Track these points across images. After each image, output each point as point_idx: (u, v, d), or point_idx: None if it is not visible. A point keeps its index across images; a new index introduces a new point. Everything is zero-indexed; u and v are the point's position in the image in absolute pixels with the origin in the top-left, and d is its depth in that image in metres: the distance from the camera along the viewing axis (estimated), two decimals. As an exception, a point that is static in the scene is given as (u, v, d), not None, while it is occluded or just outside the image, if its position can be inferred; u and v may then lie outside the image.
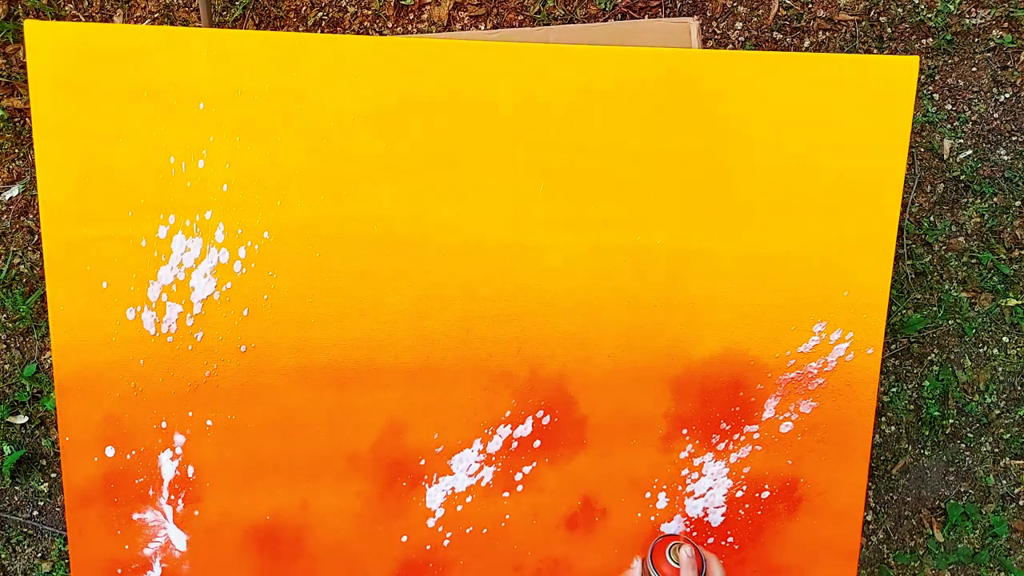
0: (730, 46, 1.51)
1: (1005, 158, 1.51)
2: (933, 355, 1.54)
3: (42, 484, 1.52)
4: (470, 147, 0.85)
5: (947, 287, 1.53)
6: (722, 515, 0.94)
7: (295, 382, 0.89)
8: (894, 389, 1.54)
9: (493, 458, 0.92)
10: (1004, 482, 1.56)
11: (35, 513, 1.53)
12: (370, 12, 1.50)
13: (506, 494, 0.93)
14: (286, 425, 0.90)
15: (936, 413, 1.53)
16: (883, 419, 1.55)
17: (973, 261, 1.53)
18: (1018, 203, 1.52)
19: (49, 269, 0.86)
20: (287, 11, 1.50)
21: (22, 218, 1.50)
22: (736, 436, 0.92)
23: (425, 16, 1.51)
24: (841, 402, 0.92)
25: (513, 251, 0.87)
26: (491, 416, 0.91)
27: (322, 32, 1.50)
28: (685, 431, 0.92)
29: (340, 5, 1.50)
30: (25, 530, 1.52)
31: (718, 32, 1.51)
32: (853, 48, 1.50)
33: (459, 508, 0.93)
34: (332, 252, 0.87)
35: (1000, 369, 1.54)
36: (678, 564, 0.79)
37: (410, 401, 0.90)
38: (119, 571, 0.93)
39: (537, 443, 0.92)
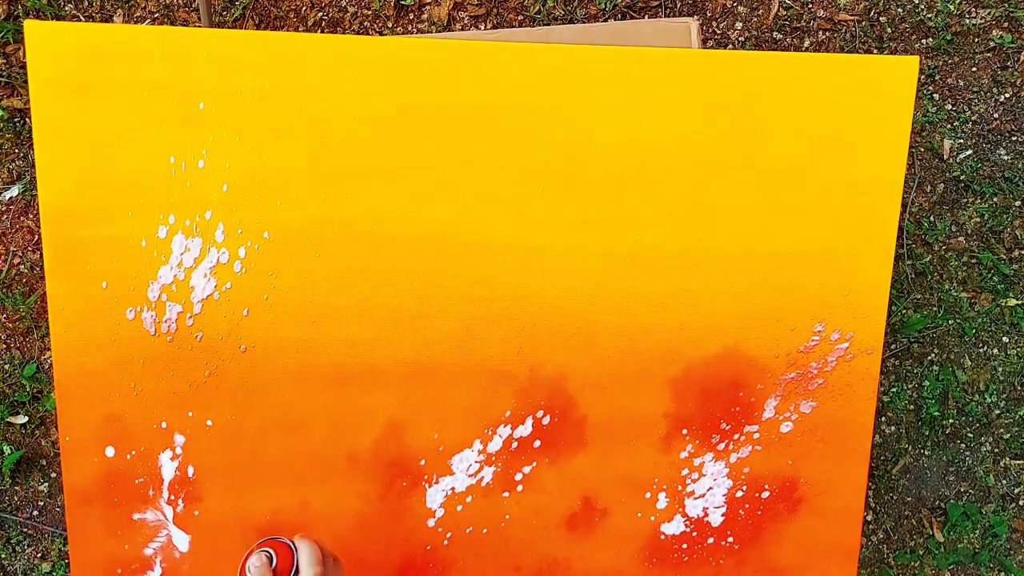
0: (730, 46, 1.51)
1: (1005, 158, 1.51)
2: (933, 355, 1.54)
3: (42, 484, 1.52)
4: (470, 147, 0.85)
5: (947, 287, 1.53)
6: (722, 515, 0.94)
7: (295, 382, 0.89)
8: (894, 389, 1.54)
9: (493, 458, 0.92)
10: (1004, 482, 1.56)
11: (35, 513, 1.53)
12: (370, 12, 1.50)
13: (506, 494, 0.93)
14: (286, 425, 0.90)
15: (936, 413, 1.53)
16: (883, 419, 1.55)
17: (973, 261, 1.53)
18: (1018, 203, 1.52)
19: (49, 269, 0.86)
20: (287, 11, 1.50)
21: (22, 218, 1.50)
22: (736, 436, 0.92)
23: (425, 16, 1.51)
24: (841, 402, 0.92)
25: (513, 251, 0.87)
26: (491, 416, 0.91)
27: (322, 32, 1.50)
28: (685, 431, 0.92)
29: (340, 5, 1.50)
30: (25, 530, 1.52)
31: (718, 32, 1.51)
32: (853, 48, 1.50)
33: (459, 508, 0.93)
34: (332, 252, 0.87)
35: (1000, 369, 1.54)
36: None
37: (410, 401, 0.90)
38: (119, 571, 0.93)
39: (537, 443, 0.92)
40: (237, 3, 1.48)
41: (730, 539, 0.95)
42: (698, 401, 0.91)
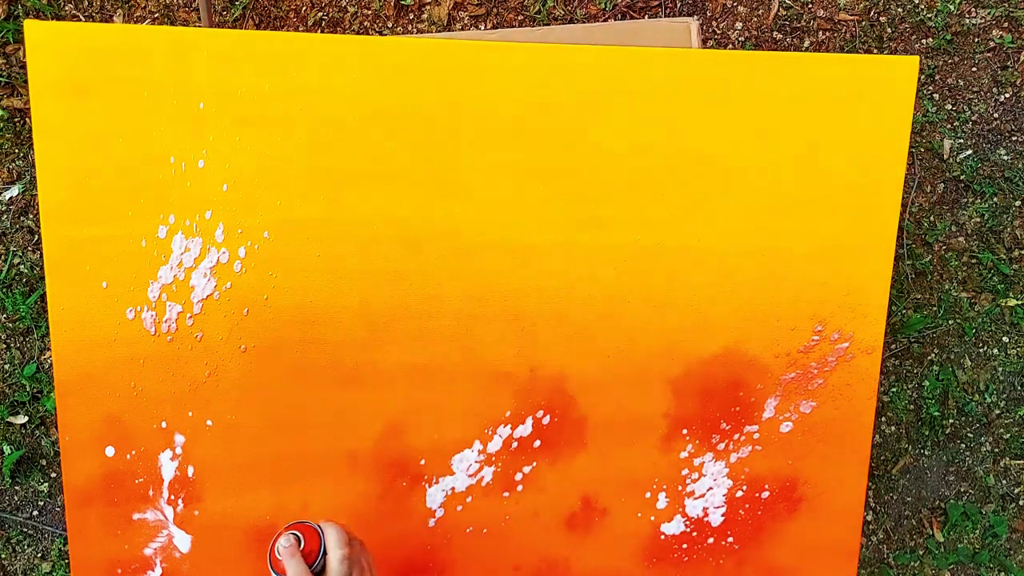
0: (730, 46, 1.51)
1: (1005, 158, 1.52)
2: (933, 355, 1.54)
3: (42, 484, 1.52)
4: (470, 147, 0.85)
5: (947, 287, 1.53)
6: (722, 515, 0.94)
7: (295, 382, 0.89)
8: (894, 389, 1.54)
9: (493, 458, 0.92)
10: (1004, 482, 1.56)
11: (35, 513, 1.53)
12: (370, 12, 1.50)
13: (506, 494, 0.93)
14: (286, 425, 0.90)
15: (936, 413, 1.53)
16: (883, 419, 1.55)
17: (973, 261, 1.53)
18: (1018, 203, 1.52)
19: (49, 269, 0.86)
20: (287, 11, 1.50)
21: (22, 218, 1.50)
22: (736, 436, 0.92)
23: (425, 16, 1.51)
24: (841, 402, 0.92)
25: (513, 251, 0.87)
26: (491, 416, 0.91)
27: (322, 32, 1.50)
28: (685, 431, 0.92)
29: (340, 5, 1.50)
30: (25, 530, 1.52)
31: (718, 32, 1.51)
32: (853, 48, 1.50)
33: (459, 508, 0.93)
34: (332, 252, 0.87)
35: (1000, 369, 1.54)
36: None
37: (410, 401, 0.90)
38: (119, 571, 0.93)
39: (537, 443, 0.92)
40: (237, 3, 1.48)
41: (730, 539, 0.95)
42: (698, 401, 0.91)
